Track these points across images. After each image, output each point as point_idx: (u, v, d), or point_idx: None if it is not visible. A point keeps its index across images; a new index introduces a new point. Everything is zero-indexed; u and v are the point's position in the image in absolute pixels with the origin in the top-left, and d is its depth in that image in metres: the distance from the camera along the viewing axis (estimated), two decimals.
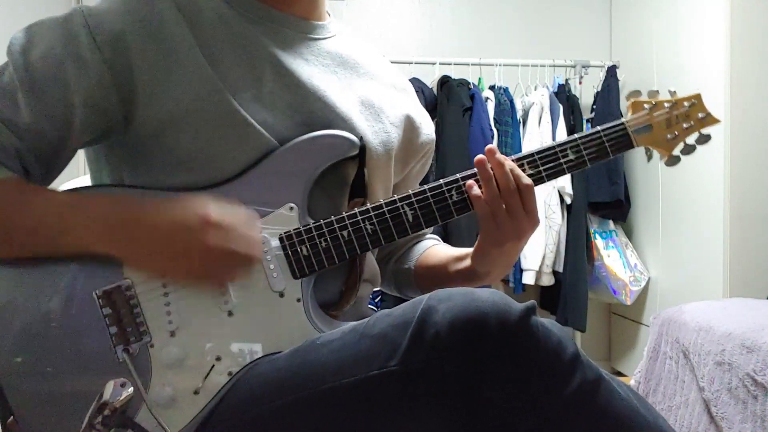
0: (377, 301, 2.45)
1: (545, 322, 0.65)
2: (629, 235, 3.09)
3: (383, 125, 0.90)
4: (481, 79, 3.01)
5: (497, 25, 3.28)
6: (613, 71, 3.00)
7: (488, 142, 2.77)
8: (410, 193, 0.82)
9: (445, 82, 2.87)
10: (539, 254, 2.81)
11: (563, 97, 2.96)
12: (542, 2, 3.30)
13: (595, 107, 3.03)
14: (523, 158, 0.84)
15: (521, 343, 0.62)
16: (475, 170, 0.82)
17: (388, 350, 0.65)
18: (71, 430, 0.70)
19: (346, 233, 0.80)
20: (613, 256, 2.92)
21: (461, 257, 0.94)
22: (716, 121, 0.91)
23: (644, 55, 2.95)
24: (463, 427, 0.64)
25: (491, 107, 2.89)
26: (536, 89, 2.99)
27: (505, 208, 0.81)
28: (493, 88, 2.96)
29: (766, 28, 2.40)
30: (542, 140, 2.86)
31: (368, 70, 0.94)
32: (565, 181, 2.84)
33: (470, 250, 0.91)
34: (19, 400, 0.71)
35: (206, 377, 0.73)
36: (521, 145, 2.90)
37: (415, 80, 2.86)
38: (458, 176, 0.83)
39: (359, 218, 0.80)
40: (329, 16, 0.93)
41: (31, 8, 2.31)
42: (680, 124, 0.90)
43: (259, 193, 0.79)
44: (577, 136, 0.86)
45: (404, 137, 0.94)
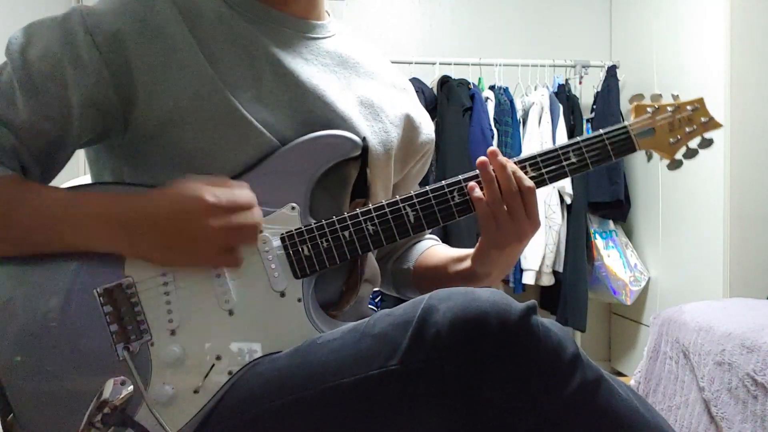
0: (377, 300, 2.45)
1: (546, 321, 0.65)
2: (629, 235, 3.09)
3: (383, 125, 0.89)
4: (481, 79, 3.01)
5: (497, 25, 3.28)
6: (613, 71, 3.00)
7: (488, 142, 2.77)
8: (412, 194, 0.82)
9: (445, 82, 2.87)
10: (539, 254, 2.81)
11: (563, 97, 2.96)
12: (542, 2, 3.30)
13: (595, 107, 3.03)
14: (525, 160, 0.85)
15: (521, 342, 0.62)
16: (476, 172, 0.82)
17: (388, 350, 0.65)
18: (71, 428, 0.70)
19: (347, 233, 0.80)
20: (613, 256, 2.92)
21: (461, 258, 0.94)
22: (719, 125, 0.91)
23: (644, 55, 2.95)
24: (463, 426, 0.63)
25: (491, 107, 2.89)
26: (536, 89, 2.99)
27: (506, 210, 0.81)
28: (493, 88, 2.96)
29: (766, 28, 2.40)
30: (542, 140, 2.86)
31: (368, 69, 0.94)
32: (565, 181, 2.84)
33: (470, 251, 0.91)
34: (18, 397, 0.71)
35: (206, 376, 0.73)
36: (521, 145, 2.90)
37: (415, 80, 2.86)
38: (460, 178, 0.83)
39: (361, 218, 0.80)
40: (329, 15, 0.93)
41: (30, 8, 2.31)
42: (683, 128, 0.90)
43: (260, 192, 0.79)
44: (579, 139, 0.86)
45: (404, 137, 0.94)
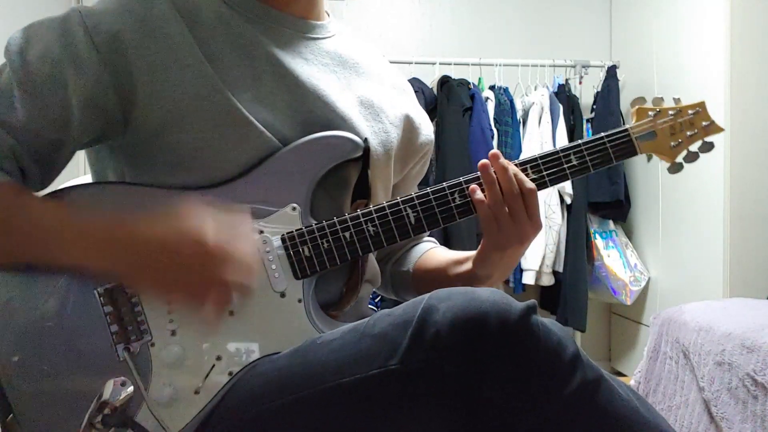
0: (377, 301, 2.45)
1: (546, 321, 0.65)
2: (629, 235, 3.09)
3: (383, 125, 0.89)
4: (481, 79, 3.01)
5: (497, 25, 3.28)
6: (613, 71, 3.00)
7: (488, 142, 2.77)
8: (413, 195, 0.82)
9: (445, 82, 2.87)
10: (539, 254, 2.81)
11: (563, 97, 2.96)
12: (542, 2, 3.30)
13: (595, 107, 3.03)
14: (526, 163, 0.85)
15: (521, 342, 0.62)
16: (477, 174, 0.82)
17: (388, 350, 0.65)
18: (71, 428, 0.70)
19: (348, 234, 0.80)
20: (613, 256, 2.92)
21: (461, 260, 0.94)
22: (720, 129, 0.91)
23: (644, 55, 2.95)
24: (463, 426, 0.63)
25: (491, 107, 2.89)
26: (536, 89, 2.99)
27: (508, 212, 0.81)
28: (493, 88, 2.96)
29: (766, 28, 2.40)
30: (542, 140, 2.86)
31: (368, 69, 0.93)
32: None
33: (470, 253, 0.91)
34: (18, 398, 0.71)
35: (207, 377, 0.73)
36: (521, 145, 2.90)
37: (415, 80, 2.86)
38: (461, 179, 0.83)
39: (361, 219, 0.80)
40: (329, 16, 0.93)
41: (30, 8, 2.31)
42: (684, 131, 0.90)
43: (261, 193, 0.79)
44: (580, 141, 0.86)
45: (403, 137, 0.93)
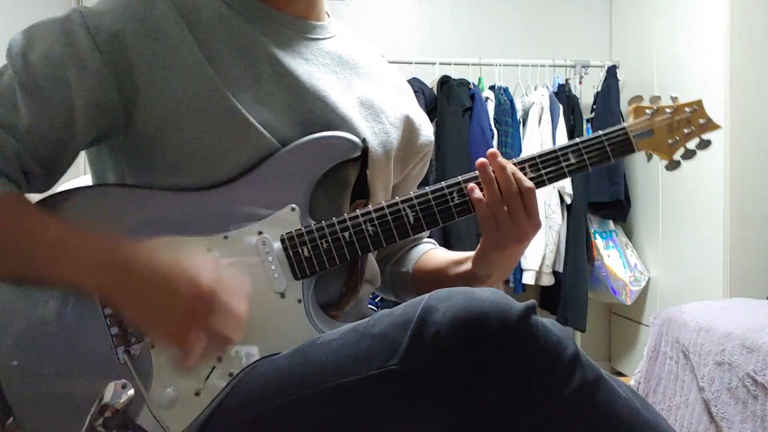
0: (377, 301, 2.45)
1: (545, 321, 0.65)
2: (629, 235, 3.09)
3: (383, 125, 0.89)
4: (481, 79, 3.01)
5: (497, 25, 3.28)
6: (613, 71, 3.00)
7: (488, 142, 2.77)
8: (411, 195, 0.82)
9: (445, 82, 2.87)
10: (539, 254, 2.81)
11: (563, 97, 2.96)
12: (542, 2, 3.30)
13: (595, 107, 3.03)
14: (524, 161, 0.85)
15: (521, 342, 0.62)
16: (476, 173, 0.82)
17: (388, 350, 0.65)
18: (72, 431, 0.70)
19: (347, 234, 0.80)
20: (613, 256, 2.92)
21: (460, 261, 0.94)
22: (717, 126, 0.91)
23: (644, 55, 2.95)
24: (463, 426, 0.64)
25: (491, 107, 2.89)
26: (536, 89, 2.99)
27: (506, 211, 0.81)
28: (493, 88, 2.96)
29: (766, 28, 2.40)
30: (542, 140, 2.86)
31: (368, 70, 0.94)
32: (565, 180, 2.84)
33: (470, 253, 0.91)
34: (18, 401, 0.71)
35: (207, 378, 0.73)
36: (521, 145, 2.90)
37: (415, 80, 2.86)
38: (459, 179, 0.83)
39: (360, 219, 0.80)
40: (329, 16, 0.93)
41: (30, 8, 2.31)
42: (681, 129, 0.91)
43: (260, 193, 0.79)
44: (578, 140, 0.86)
45: (403, 138, 0.93)
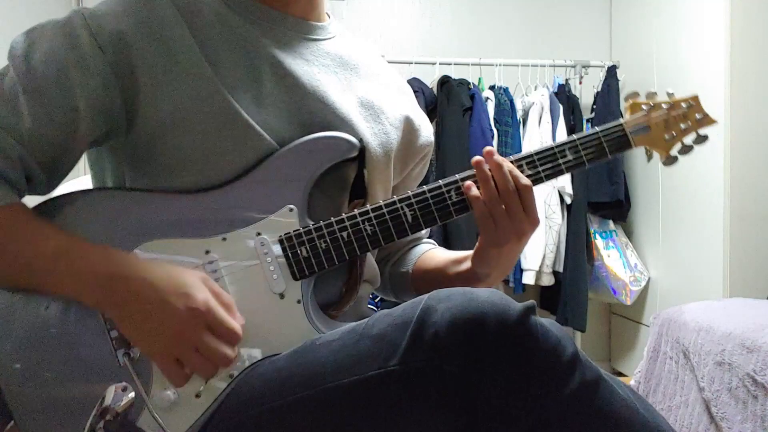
0: (377, 301, 2.45)
1: (544, 321, 0.65)
2: (629, 235, 3.09)
3: (383, 126, 0.89)
4: (481, 79, 3.01)
5: (497, 25, 3.28)
6: (613, 71, 3.00)
7: (488, 142, 2.77)
8: (409, 193, 0.82)
9: (445, 82, 2.87)
10: (539, 254, 2.81)
11: (563, 97, 2.96)
12: (542, 2, 3.30)
13: (595, 107, 3.03)
14: (521, 159, 0.85)
15: (520, 343, 0.62)
16: (474, 171, 0.82)
17: (387, 350, 0.65)
18: None
19: (345, 234, 0.79)
20: (613, 256, 2.92)
21: (460, 260, 0.94)
22: (713, 121, 0.91)
23: (644, 55, 2.95)
24: (462, 427, 0.64)
25: (491, 107, 2.89)
26: (536, 89, 2.99)
27: (504, 208, 0.81)
28: (493, 88, 2.96)
29: (766, 28, 2.40)
30: (542, 140, 2.86)
31: (368, 71, 0.93)
32: (565, 181, 2.84)
33: (469, 252, 0.91)
34: (19, 405, 0.71)
35: (207, 380, 0.73)
36: (521, 145, 2.89)
37: (415, 80, 2.86)
38: (457, 177, 0.83)
39: (358, 219, 0.80)
40: (329, 17, 0.93)
41: (30, 9, 2.31)
42: (678, 124, 0.91)
43: (258, 194, 0.79)
44: (575, 136, 0.86)
45: (403, 139, 0.93)
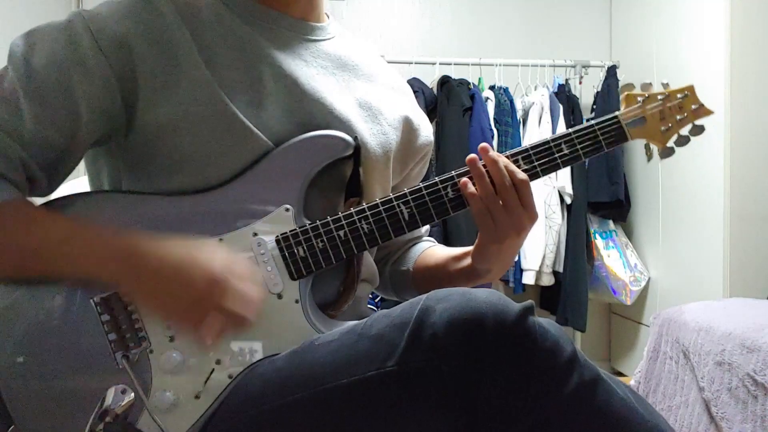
0: (377, 301, 2.45)
1: (543, 322, 0.65)
2: (629, 235, 3.09)
3: (381, 127, 0.89)
4: (481, 79, 3.00)
5: (497, 25, 3.28)
6: (613, 71, 3.00)
7: (488, 142, 2.74)
8: (406, 191, 0.82)
9: (445, 82, 2.87)
10: (539, 254, 2.81)
11: (563, 97, 2.96)
12: (542, 2, 3.30)
13: (595, 107, 3.03)
14: (517, 154, 0.85)
15: (519, 343, 0.62)
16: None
17: (386, 351, 0.65)
18: None
19: (342, 233, 0.79)
20: (613, 256, 2.92)
21: (460, 256, 0.94)
22: (709, 112, 0.91)
23: (644, 55, 2.95)
24: (461, 427, 0.63)
25: (491, 107, 2.89)
26: (536, 89, 2.99)
27: (502, 204, 0.81)
28: (493, 88, 2.96)
29: (766, 27, 2.40)
30: None
31: (367, 71, 0.93)
32: (565, 180, 2.84)
33: (468, 249, 0.91)
34: (19, 409, 0.71)
35: (206, 381, 0.73)
36: (521, 145, 2.89)
37: (415, 80, 2.86)
38: (453, 173, 0.83)
39: (355, 218, 0.80)
40: (328, 18, 0.93)
41: (31, 9, 2.31)
42: (673, 115, 0.90)
43: (254, 194, 0.79)
44: (571, 130, 0.86)
45: (403, 139, 0.93)
